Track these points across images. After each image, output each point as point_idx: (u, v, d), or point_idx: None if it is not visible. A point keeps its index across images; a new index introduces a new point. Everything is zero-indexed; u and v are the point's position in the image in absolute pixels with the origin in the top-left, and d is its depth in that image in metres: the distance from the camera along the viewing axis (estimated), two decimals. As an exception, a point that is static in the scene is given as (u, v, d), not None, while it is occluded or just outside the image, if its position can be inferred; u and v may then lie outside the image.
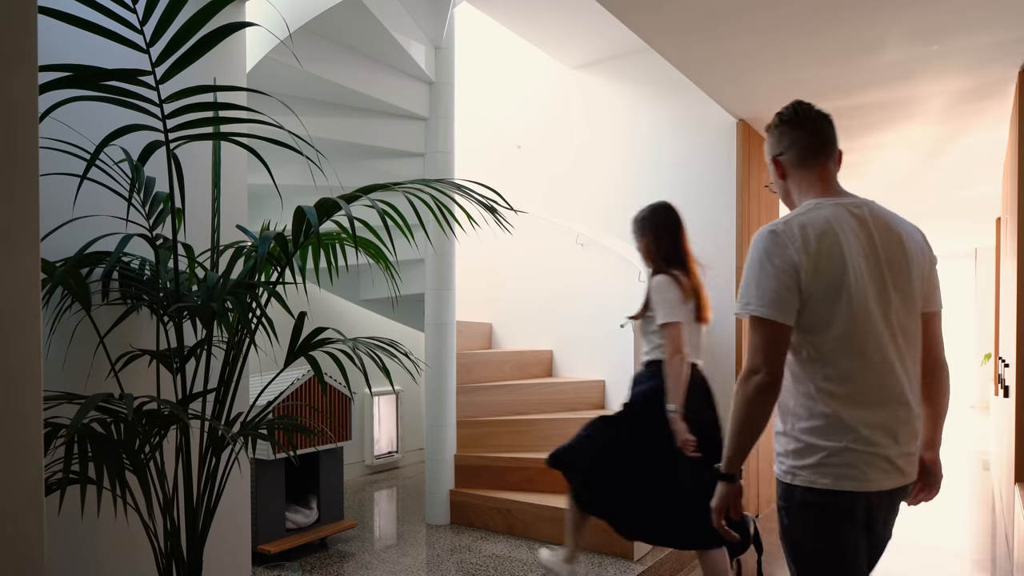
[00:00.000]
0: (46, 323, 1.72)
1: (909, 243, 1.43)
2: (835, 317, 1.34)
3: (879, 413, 1.36)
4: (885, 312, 1.37)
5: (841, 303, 1.34)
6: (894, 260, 1.39)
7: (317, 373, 1.72)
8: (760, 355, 1.34)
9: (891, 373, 1.37)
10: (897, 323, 1.38)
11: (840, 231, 1.36)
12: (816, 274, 1.33)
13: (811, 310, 1.35)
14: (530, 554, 2.99)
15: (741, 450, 1.40)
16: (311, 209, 1.49)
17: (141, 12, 1.39)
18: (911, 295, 1.41)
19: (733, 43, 2.77)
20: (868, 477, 1.35)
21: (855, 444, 1.34)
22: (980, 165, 4.69)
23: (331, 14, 2.76)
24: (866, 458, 1.34)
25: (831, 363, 1.36)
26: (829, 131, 1.46)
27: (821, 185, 1.45)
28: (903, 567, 3.18)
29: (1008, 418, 3.35)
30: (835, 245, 1.34)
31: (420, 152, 3.43)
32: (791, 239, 1.33)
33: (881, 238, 1.39)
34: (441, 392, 3.46)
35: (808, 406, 1.37)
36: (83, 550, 1.84)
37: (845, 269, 1.34)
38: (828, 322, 1.35)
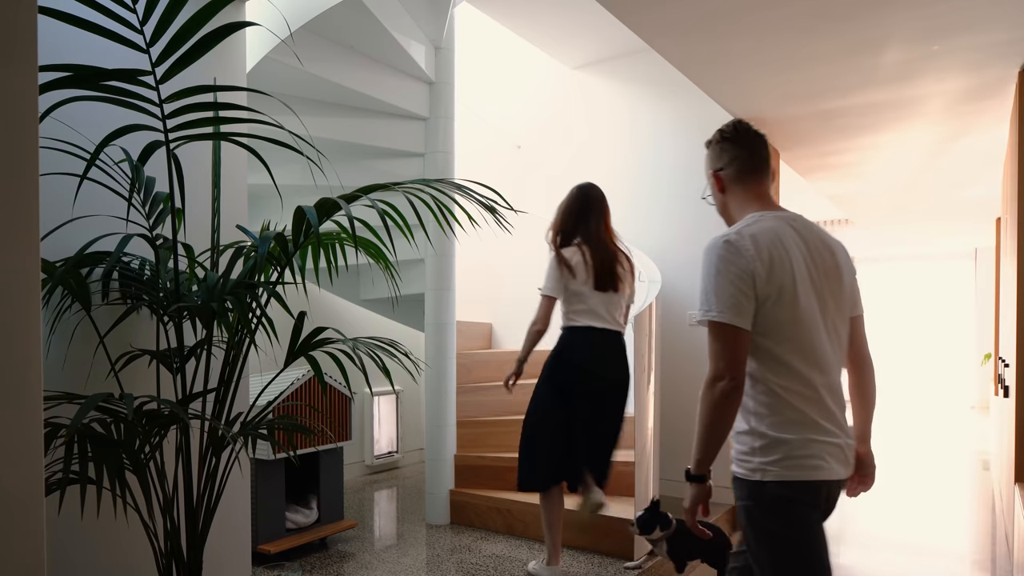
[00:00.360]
0: (46, 323, 1.72)
1: (838, 254, 1.55)
2: (786, 320, 1.44)
3: (829, 406, 1.46)
4: (824, 316, 1.48)
5: (791, 308, 1.44)
6: (828, 269, 1.50)
7: (317, 373, 1.72)
8: (723, 360, 1.42)
9: (832, 371, 1.49)
10: (832, 326, 1.50)
11: (785, 241, 1.46)
12: (769, 280, 1.41)
13: (765, 314, 1.43)
14: (530, 554, 2.99)
15: (709, 453, 1.45)
16: (311, 209, 1.49)
17: (141, 12, 1.39)
18: (842, 301, 1.53)
19: (733, 43, 2.77)
20: (831, 465, 1.44)
21: (816, 435, 1.43)
22: (980, 165, 4.69)
23: (331, 14, 2.76)
24: (827, 448, 1.43)
25: (785, 363, 1.44)
26: (765, 150, 1.57)
27: (759, 200, 1.55)
28: (903, 568, 3.18)
29: (1008, 418, 3.35)
30: (783, 253, 1.44)
31: (420, 152, 3.43)
32: (745, 248, 1.42)
33: (815, 249, 1.51)
34: (441, 392, 3.46)
35: (769, 404, 1.45)
36: (83, 550, 1.84)
37: (793, 276, 1.44)
38: (781, 325, 1.44)
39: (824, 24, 2.58)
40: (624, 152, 4.26)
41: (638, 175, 4.20)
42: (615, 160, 4.28)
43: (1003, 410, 3.89)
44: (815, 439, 1.42)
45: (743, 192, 1.56)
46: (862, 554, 3.36)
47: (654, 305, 3.25)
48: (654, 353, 3.26)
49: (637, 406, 3.04)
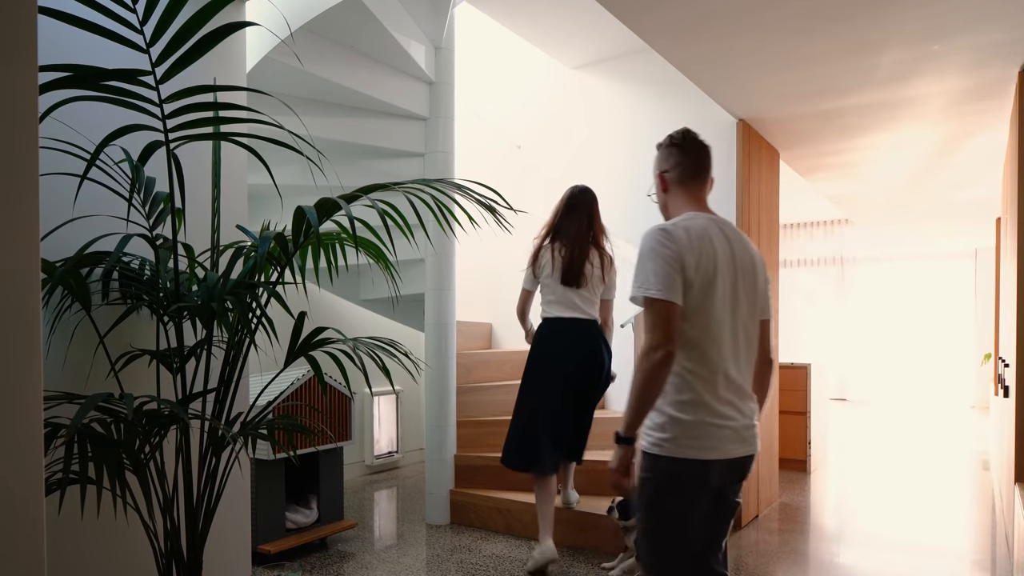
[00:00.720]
0: (46, 323, 1.72)
1: (757, 261, 1.71)
2: (704, 308, 1.58)
3: (728, 392, 1.60)
4: (735, 310, 1.63)
5: (710, 296, 1.58)
6: (746, 270, 1.66)
7: (317, 373, 1.72)
8: (659, 331, 1.53)
9: (737, 361, 1.64)
10: (741, 322, 1.65)
11: (712, 239, 1.62)
12: (696, 268, 1.57)
13: (688, 299, 1.57)
14: (530, 554, 2.99)
15: (639, 417, 1.58)
16: (311, 209, 1.49)
17: (141, 12, 1.39)
18: (755, 302, 1.68)
19: (733, 43, 2.77)
20: (723, 447, 1.58)
21: (711, 418, 1.58)
22: (980, 165, 4.69)
23: (331, 14, 2.76)
24: (721, 431, 1.58)
25: (695, 347, 1.59)
26: (707, 160, 1.74)
27: (695, 203, 1.72)
28: (903, 567, 3.18)
29: (1008, 418, 3.35)
30: (709, 248, 1.60)
31: (420, 152, 3.43)
32: (678, 237, 1.58)
33: (738, 252, 1.66)
34: (441, 392, 3.45)
35: (675, 385, 1.58)
36: (83, 550, 1.84)
37: (715, 269, 1.59)
38: (698, 311, 1.58)
39: (823, 24, 2.58)
40: (624, 152, 4.26)
41: (638, 175, 4.20)
42: (615, 160, 4.28)
43: (1003, 410, 3.89)
44: (709, 422, 1.57)
45: (683, 194, 1.74)
46: (862, 554, 3.36)
47: (654, 305, 3.24)
48: (654, 353, 3.26)
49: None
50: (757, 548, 3.42)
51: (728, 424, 1.59)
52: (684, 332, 1.58)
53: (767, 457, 4.19)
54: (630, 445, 1.60)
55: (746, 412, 1.64)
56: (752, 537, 3.60)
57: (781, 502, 4.33)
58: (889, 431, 7.23)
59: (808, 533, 3.69)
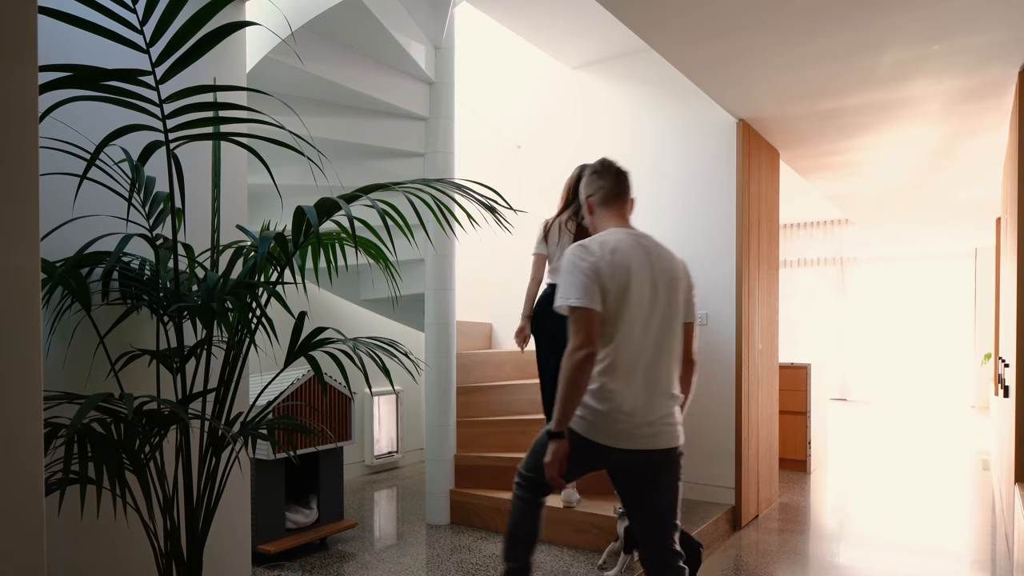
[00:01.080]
0: (46, 323, 1.72)
1: (679, 270, 1.91)
2: (620, 313, 1.79)
3: (642, 388, 1.81)
4: (651, 314, 1.83)
5: (624, 303, 1.79)
6: (667, 279, 1.87)
7: (317, 373, 1.72)
8: (581, 335, 1.75)
9: (651, 360, 1.83)
10: (658, 324, 1.84)
11: (628, 249, 1.83)
12: (611, 277, 1.78)
13: (605, 305, 1.79)
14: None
15: (567, 412, 1.77)
16: (311, 209, 1.49)
17: (141, 12, 1.39)
18: (676, 307, 1.88)
19: (733, 43, 2.77)
20: (630, 439, 1.80)
21: (614, 412, 1.79)
22: (980, 165, 4.69)
23: (331, 14, 2.76)
24: (629, 424, 1.79)
25: (613, 347, 1.80)
26: (625, 183, 1.97)
27: (617, 220, 1.94)
28: (903, 568, 3.18)
29: (1008, 418, 3.35)
30: (624, 258, 1.81)
31: (420, 152, 3.43)
32: (594, 251, 1.81)
33: (656, 261, 1.87)
34: (441, 392, 3.45)
35: (596, 377, 1.81)
36: (83, 550, 1.84)
37: (630, 278, 1.79)
38: (615, 316, 1.80)
39: (824, 24, 2.58)
40: (624, 152, 4.26)
41: (638, 175, 4.20)
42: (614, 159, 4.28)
43: (1003, 410, 3.89)
44: (611, 415, 1.79)
45: (605, 214, 1.96)
46: (862, 554, 3.36)
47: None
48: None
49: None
50: (757, 548, 3.42)
51: (637, 418, 1.80)
52: (604, 333, 1.80)
53: (767, 457, 4.19)
54: (561, 440, 1.80)
55: (659, 408, 1.83)
56: (752, 537, 3.60)
57: (781, 502, 4.33)
58: (889, 431, 7.23)
59: (808, 533, 3.69)
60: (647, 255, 1.86)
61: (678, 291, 1.89)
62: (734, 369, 3.81)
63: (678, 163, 4.04)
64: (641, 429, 1.81)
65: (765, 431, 4.16)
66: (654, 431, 1.82)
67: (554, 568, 2.80)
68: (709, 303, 3.92)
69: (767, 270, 4.20)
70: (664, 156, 4.10)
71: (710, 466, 3.89)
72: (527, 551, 2.02)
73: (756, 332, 3.99)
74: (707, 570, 3.13)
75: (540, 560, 2.89)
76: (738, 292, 3.79)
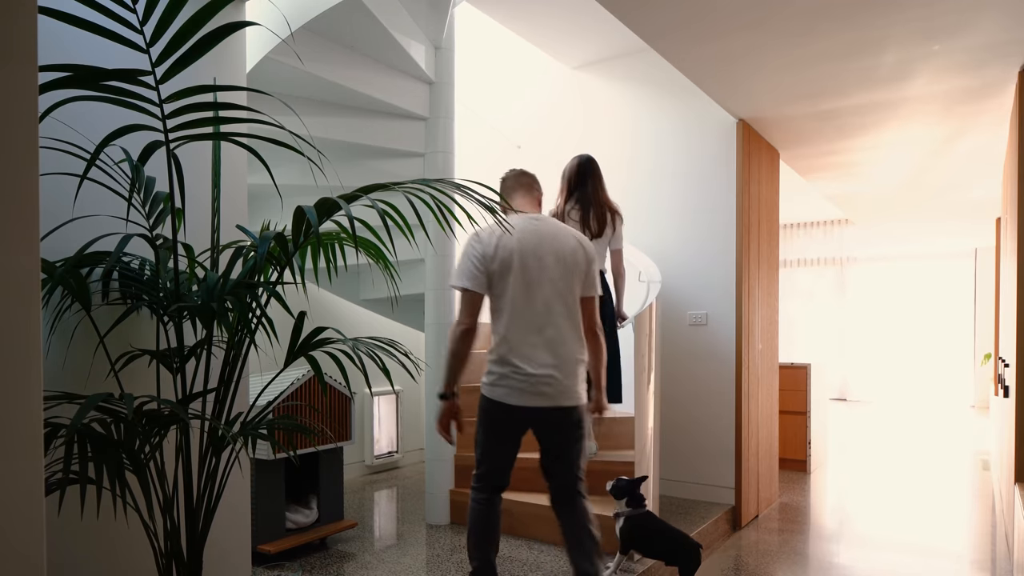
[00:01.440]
0: (46, 323, 1.72)
1: (569, 246, 2.19)
2: (506, 288, 2.13)
3: (529, 354, 2.12)
4: (539, 287, 2.13)
5: (509, 279, 2.12)
6: (554, 256, 2.16)
7: (317, 373, 1.72)
8: (462, 312, 2.14)
9: (541, 330, 2.12)
10: (550, 296, 2.14)
11: (519, 232, 2.15)
12: (494, 259, 2.12)
13: (493, 283, 2.14)
14: (530, 554, 2.99)
15: (451, 377, 2.17)
16: (311, 209, 1.49)
17: (141, 12, 1.39)
18: (567, 280, 2.17)
19: (733, 43, 2.77)
20: (521, 397, 2.13)
21: (511, 373, 2.12)
22: (980, 165, 4.69)
23: (331, 14, 2.76)
24: (517, 383, 2.12)
25: (504, 318, 2.14)
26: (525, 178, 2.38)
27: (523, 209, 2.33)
28: (903, 567, 3.18)
29: (1008, 418, 3.35)
30: (511, 242, 2.13)
31: (420, 152, 3.43)
32: (482, 238, 2.15)
33: (548, 242, 2.17)
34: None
35: (492, 346, 2.16)
36: (83, 550, 1.84)
37: (513, 257, 2.12)
38: (503, 291, 2.13)
39: (824, 24, 2.58)
40: (624, 152, 4.26)
41: (638, 175, 4.20)
42: (615, 160, 4.28)
43: (1003, 410, 3.89)
44: (509, 375, 2.12)
45: (517, 204, 2.34)
46: (862, 554, 3.36)
47: (654, 305, 3.25)
48: (654, 353, 3.26)
49: (637, 406, 3.04)
50: (757, 548, 3.42)
51: (534, 379, 2.11)
52: (497, 308, 2.14)
53: (767, 457, 4.19)
54: (448, 400, 2.20)
55: (554, 370, 2.12)
56: (752, 537, 3.61)
57: (781, 502, 4.33)
58: (889, 431, 7.23)
59: (808, 533, 3.69)
60: (538, 237, 2.16)
61: (571, 266, 2.17)
62: (734, 369, 3.81)
63: (678, 163, 4.04)
64: (539, 388, 2.11)
65: (765, 431, 4.16)
66: (553, 390, 2.13)
67: (554, 568, 2.80)
68: (709, 303, 3.92)
69: (767, 270, 4.20)
70: (664, 156, 4.10)
71: (710, 466, 3.89)
72: (488, 549, 2.21)
73: (756, 332, 3.98)
74: (707, 570, 3.13)
75: (540, 560, 2.90)
76: (738, 292, 3.79)
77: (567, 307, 2.16)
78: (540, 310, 2.12)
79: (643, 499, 2.71)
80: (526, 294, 2.11)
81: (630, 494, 2.70)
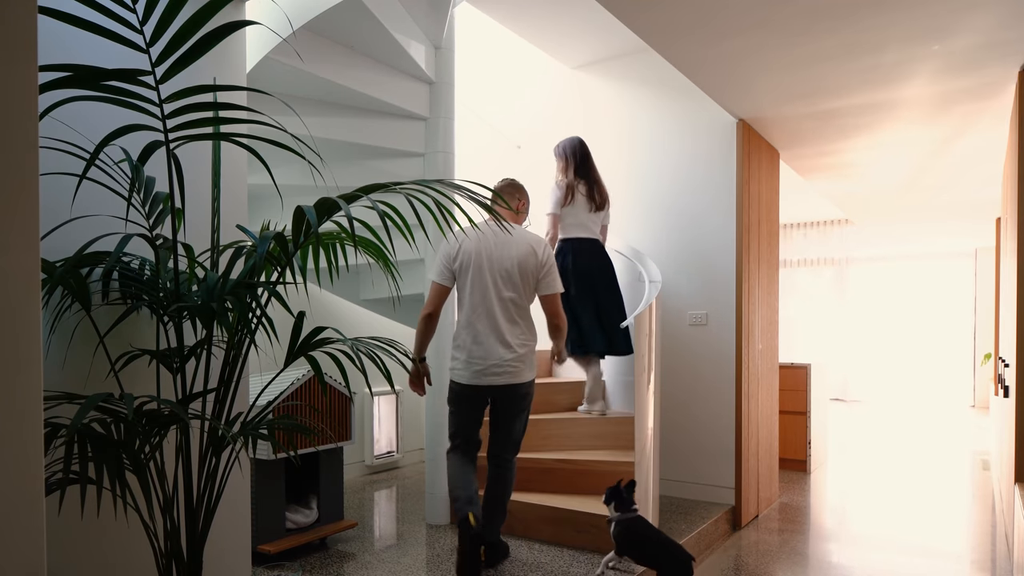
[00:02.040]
0: (46, 323, 1.72)
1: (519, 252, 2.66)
2: (466, 285, 2.65)
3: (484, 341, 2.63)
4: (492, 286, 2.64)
5: (469, 277, 2.64)
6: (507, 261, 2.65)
7: (317, 373, 1.72)
8: (429, 299, 2.69)
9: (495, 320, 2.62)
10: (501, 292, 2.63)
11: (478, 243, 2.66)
12: (457, 260, 2.67)
13: (458, 280, 2.69)
14: (530, 554, 2.99)
15: (418, 348, 2.71)
16: (310, 208, 1.49)
17: (141, 12, 1.39)
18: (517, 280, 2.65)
19: (733, 43, 2.77)
20: (477, 378, 2.64)
21: (469, 358, 2.64)
22: (980, 165, 4.69)
23: (331, 14, 2.76)
24: (475, 367, 2.64)
25: (465, 310, 2.66)
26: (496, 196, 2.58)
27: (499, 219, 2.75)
28: (903, 567, 3.18)
29: (1008, 418, 3.35)
30: (472, 248, 2.66)
31: (420, 152, 3.43)
32: (452, 243, 2.70)
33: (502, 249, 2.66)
34: (441, 392, 3.45)
35: (456, 332, 2.72)
36: (83, 550, 1.84)
37: (472, 260, 2.64)
38: (463, 287, 2.67)
39: (823, 24, 2.58)
40: (624, 152, 4.26)
41: (638, 175, 4.20)
42: (615, 160, 4.28)
43: (1003, 410, 3.89)
44: (469, 360, 2.65)
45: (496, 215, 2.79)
46: (862, 554, 3.36)
47: (654, 305, 3.25)
48: (654, 353, 3.26)
49: (637, 406, 3.04)
50: (757, 548, 3.42)
51: (481, 363, 2.62)
52: (460, 300, 2.69)
53: (767, 457, 4.19)
54: (417, 364, 2.70)
55: (503, 355, 2.61)
56: (752, 537, 3.61)
57: (781, 502, 4.33)
58: (889, 431, 7.23)
59: (808, 533, 3.69)
60: (499, 242, 2.65)
61: (523, 269, 2.65)
62: (734, 369, 3.81)
63: (678, 163, 4.04)
64: (492, 369, 2.61)
65: (765, 431, 4.16)
66: (501, 371, 2.62)
67: (554, 568, 2.80)
68: (709, 303, 3.92)
69: (767, 270, 4.20)
70: (664, 156, 4.10)
71: (710, 466, 3.89)
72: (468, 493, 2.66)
73: (756, 332, 3.98)
74: (707, 570, 3.13)
75: (540, 560, 2.90)
76: (738, 292, 3.79)
77: (516, 303, 2.65)
78: (493, 305, 2.62)
79: (631, 503, 2.71)
80: (482, 292, 2.62)
81: (616, 498, 2.72)
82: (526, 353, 2.67)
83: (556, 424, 3.61)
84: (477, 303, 2.62)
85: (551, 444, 3.61)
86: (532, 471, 3.43)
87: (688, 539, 3.17)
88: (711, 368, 3.89)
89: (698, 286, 3.95)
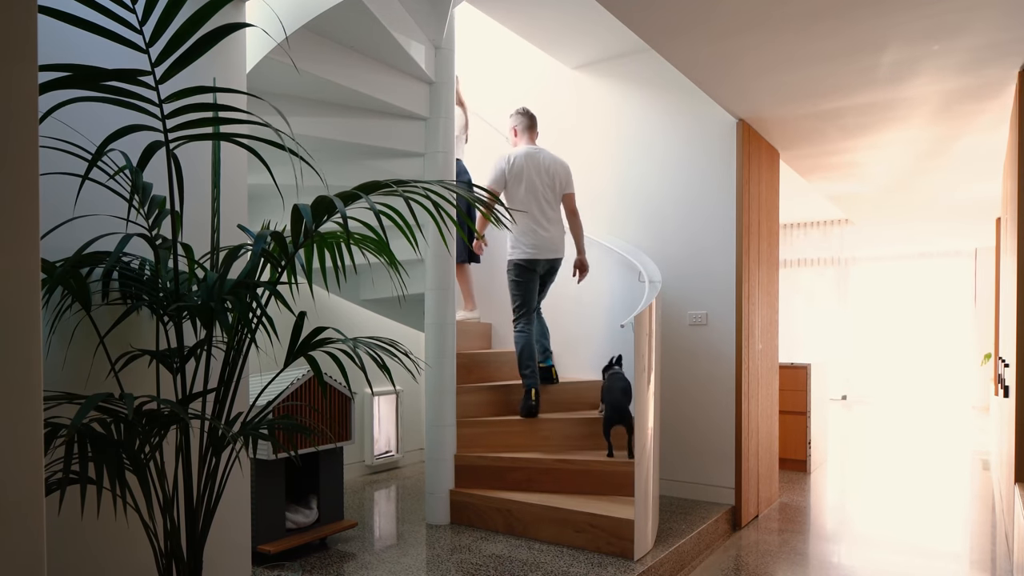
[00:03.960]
0: (46, 323, 1.72)
1: (553, 163, 3.62)
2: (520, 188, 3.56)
3: (537, 228, 3.54)
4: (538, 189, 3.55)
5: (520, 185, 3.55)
6: (544, 172, 3.57)
7: (317, 373, 1.72)
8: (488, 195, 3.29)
9: (541, 212, 3.55)
10: (543, 194, 3.56)
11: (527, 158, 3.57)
12: (510, 171, 3.55)
13: (509, 185, 3.56)
14: (530, 554, 2.99)
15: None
16: (307, 208, 1.49)
17: (141, 12, 1.39)
18: (554, 185, 3.61)
19: (733, 43, 2.77)
20: (538, 254, 3.54)
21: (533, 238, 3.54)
22: (980, 165, 4.69)
23: (331, 14, 2.76)
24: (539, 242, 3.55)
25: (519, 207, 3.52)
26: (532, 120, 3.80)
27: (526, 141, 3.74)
28: (903, 567, 3.18)
29: (1008, 418, 3.35)
30: (521, 161, 3.54)
31: (420, 152, 3.43)
32: (503, 158, 3.60)
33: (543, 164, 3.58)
34: (441, 392, 3.46)
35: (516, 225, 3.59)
36: (83, 550, 1.84)
37: (524, 171, 3.53)
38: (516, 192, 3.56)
39: (824, 24, 2.58)
40: (624, 152, 4.26)
41: (638, 175, 4.20)
42: (615, 160, 4.28)
43: (1003, 410, 3.89)
44: (529, 242, 3.54)
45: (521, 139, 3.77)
46: (862, 554, 3.36)
47: (654, 305, 3.25)
48: (654, 353, 3.26)
49: (637, 406, 3.04)
50: (757, 548, 3.42)
51: (539, 241, 3.56)
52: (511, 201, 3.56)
53: (767, 457, 4.19)
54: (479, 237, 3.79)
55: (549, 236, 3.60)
56: (752, 537, 3.61)
57: (781, 502, 4.33)
58: (889, 431, 7.23)
59: (808, 533, 3.69)
60: (536, 161, 3.58)
61: (553, 175, 3.61)
62: (734, 369, 3.81)
63: (678, 163, 4.04)
64: (545, 245, 3.57)
65: (765, 431, 4.16)
66: (550, 247, 3.59)
67: (554, 568, 2.80)
68: (709, 303, 3.92)
69: (767, 270, 4.20)
70: (664, 156, 4.10)
71: (710, 466, 3.89)
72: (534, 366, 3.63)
73: (756, 332, 3.99)
74: (707, 570, 3.13)
75: (540, 560, 2.90)
76: (738, 292, 3.79)
77: (554, 199, 3.62)
78: (539, 202, 3.56)
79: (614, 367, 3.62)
80: (531, 192, 3.56)
81: (608, 367, 3.62)
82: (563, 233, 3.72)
83: (557, 424, 3.61)
84: (529, 201, 3.57)
85: (552, 444, 3.61)
86: (532, 471, 3.43)
87: (688, 539, 3.17)
88: (711, 368, 3.89)
89: (698, 286, 3.95)
